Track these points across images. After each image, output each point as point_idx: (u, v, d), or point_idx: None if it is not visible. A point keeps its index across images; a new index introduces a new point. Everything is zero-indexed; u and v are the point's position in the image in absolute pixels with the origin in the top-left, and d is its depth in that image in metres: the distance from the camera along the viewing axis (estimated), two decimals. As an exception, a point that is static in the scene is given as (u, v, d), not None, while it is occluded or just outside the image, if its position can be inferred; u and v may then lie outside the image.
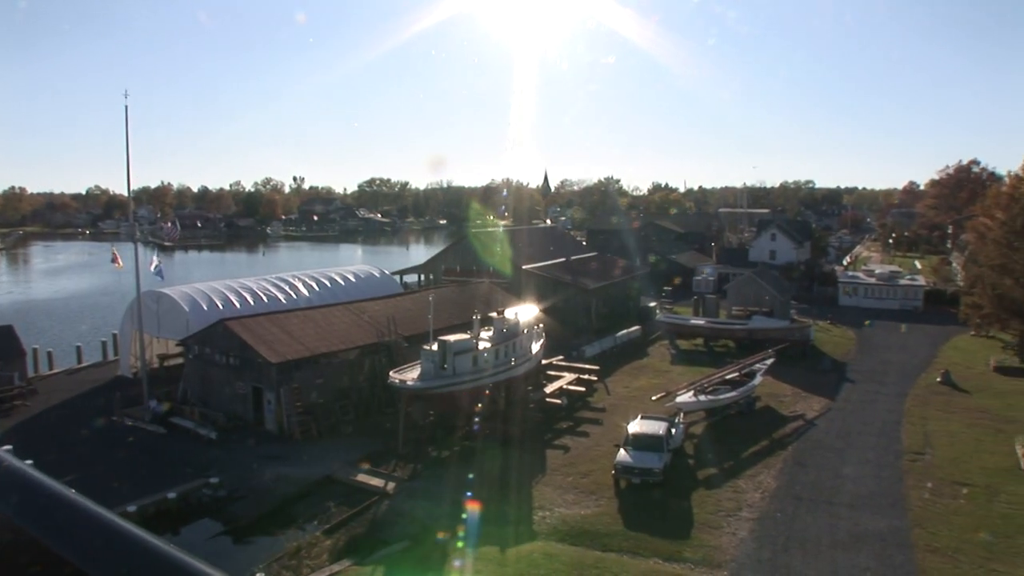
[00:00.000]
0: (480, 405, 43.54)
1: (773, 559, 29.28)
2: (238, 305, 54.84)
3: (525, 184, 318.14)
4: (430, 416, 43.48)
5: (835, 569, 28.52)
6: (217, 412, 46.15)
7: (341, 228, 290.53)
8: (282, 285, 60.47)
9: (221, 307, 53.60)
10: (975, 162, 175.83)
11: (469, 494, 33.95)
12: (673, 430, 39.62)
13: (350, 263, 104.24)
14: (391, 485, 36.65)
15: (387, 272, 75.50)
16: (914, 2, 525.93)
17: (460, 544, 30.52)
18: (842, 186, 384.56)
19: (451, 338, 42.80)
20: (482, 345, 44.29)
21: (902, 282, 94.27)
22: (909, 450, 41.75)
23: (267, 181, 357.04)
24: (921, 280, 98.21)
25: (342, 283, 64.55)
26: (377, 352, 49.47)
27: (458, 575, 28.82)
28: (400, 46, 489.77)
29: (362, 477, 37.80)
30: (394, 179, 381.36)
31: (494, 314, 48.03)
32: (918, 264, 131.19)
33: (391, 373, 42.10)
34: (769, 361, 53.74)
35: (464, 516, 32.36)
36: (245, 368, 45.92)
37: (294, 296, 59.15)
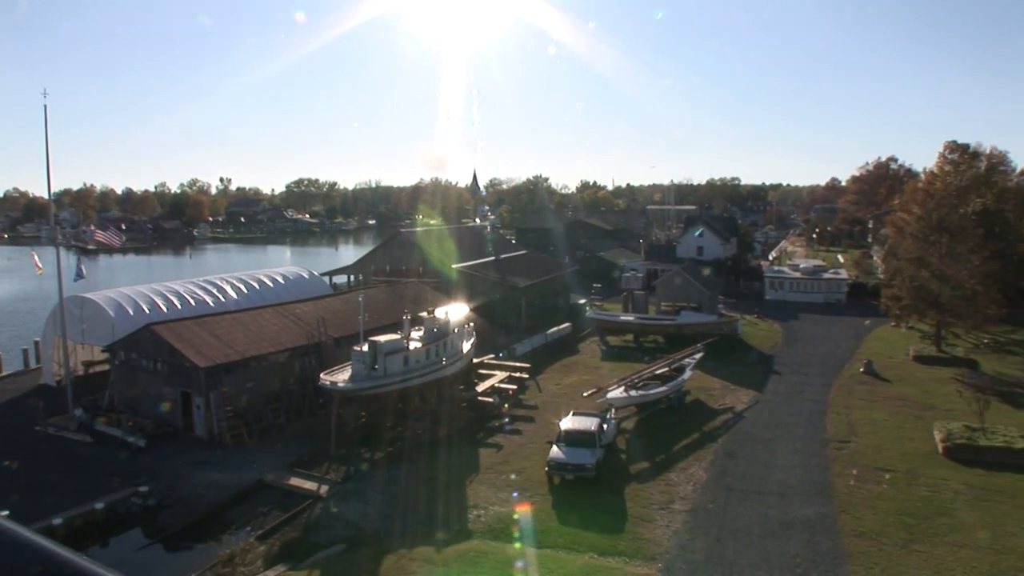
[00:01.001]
0: (412, 405, 43.52)
1: (706, 550, 29.99)
2: (165, 309, 54.09)
3: (454, 183, 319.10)
4: (362, 417, 43.32)
5: (766, 557, 29.37)
6: (145, 419, 45.24)
7: (269, 229, 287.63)
8: (210, 288, 59.72)
9: (148, 311, 52.76)
10: (893, 159, 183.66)
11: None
12: (605, 426, 40.27)
13: (279, 265, 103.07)
14: (324, 488, 36.41)
15: (316, 273, 75.25)
16: (838, 3, 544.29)
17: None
18: (767, 183, 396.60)
19: (382, 339, 42.75)
20: (413, 345, 44.36)
21: (826, 276, 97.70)
22: (834, 439, 43.29)
23: (193, 182, 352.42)
24: (844, 274, 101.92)
25: (271, 285, 64.09)
26: (307, 354, 49.14)
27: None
28: (328, 45, 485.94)
29: (295, 481, 37.44)
30: (322, 179, 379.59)
31: (424, 314, 48.14)
32: (841, 258, 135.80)
33: (322, 375, 41.92)
34: (698, 355, 55.08)
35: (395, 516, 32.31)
36: (173, 373, 45.11)
37: (222, 299, 58.50)
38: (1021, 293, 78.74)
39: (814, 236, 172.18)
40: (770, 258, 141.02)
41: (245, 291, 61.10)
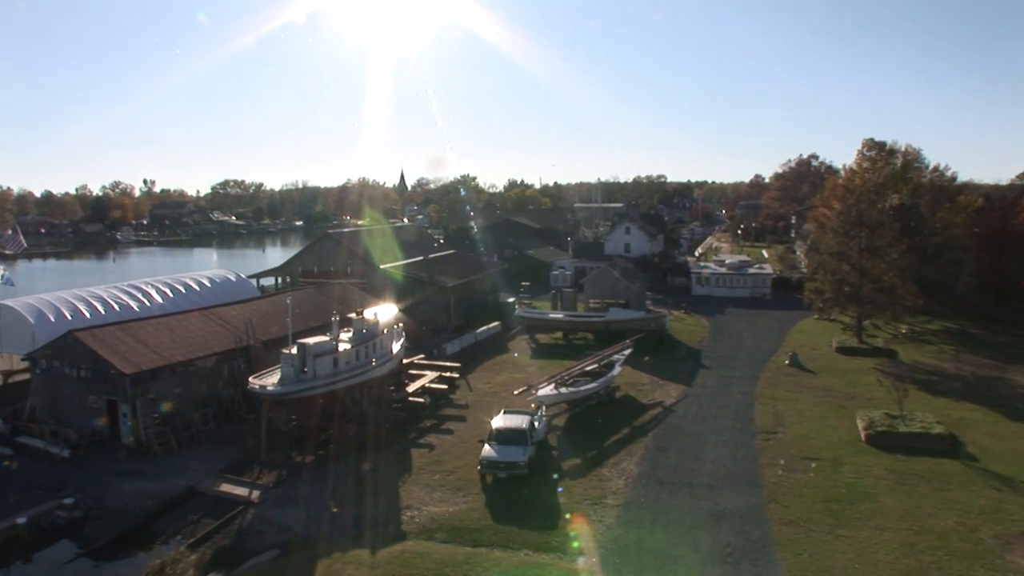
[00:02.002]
0: (343, 407, 43.26)
1: (639, 542, 30.60)
2: (88, 315, 52.80)
3: (381, 183, 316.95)
4: (292, 421, 42.87)
5: (698, 547, 30.12)
6: (69, 429, 43.88)
7: (195, 232, 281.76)
8: (135, 293, 58.45)
9: (70, 318, 51.44)
10: (814, 156, 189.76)
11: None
12: (536, 423, 40.70)
13: (205, 267, 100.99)
14: (256, 493, 35.95)
15: (243, 276, 74.22)
16: (759, 3, 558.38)
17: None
18: (693, 180, 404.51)
19: (310, 341, 42.44)
20: (342, 347, 44.13)
21: (751, 271, 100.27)
22: (762, 430, 44.61)
23: (116, 185, 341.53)
24: (768, 268, 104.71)
25: (197, 288, 63.10)
26: (236, 358, 48.40)
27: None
28: (253, 45, 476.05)
29: (226, 487, 36.89)
30: (249, 180, 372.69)
31: (353, 315, 47.90)
32: (765, 253, 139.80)
33: (251, 379, 41.34)
34: (627, 351, 55.89)
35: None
36: (98, 381, 43.84)
37: (147, 303, 57.34)
38: (935, 285, 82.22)
39: (739, 232, 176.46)
40: (696, 254, 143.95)
41: (171, 295, 60.11)
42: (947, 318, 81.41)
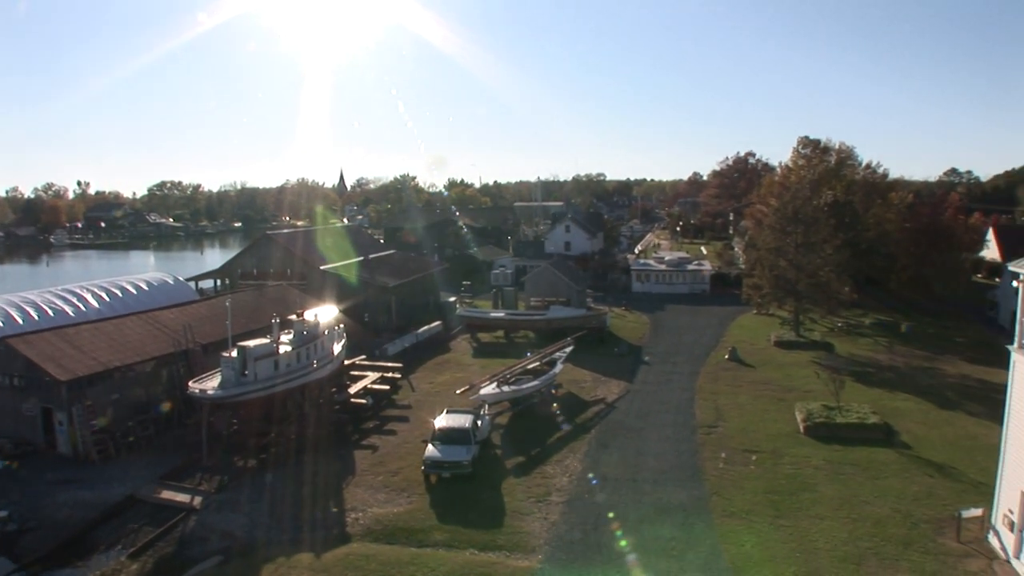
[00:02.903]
0: (285, 410, 42.88)
1: (584, 539, 30.93)
2: (20, 321, 51.70)
3: (321, 183, 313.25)
4: (234, 425, 42.28)
5: (643, 542, 30.52)
6: (3, 439, 42.41)
7: (131, 234, 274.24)
8: (69, 297, 57.27)
9: (2, 324, 50.34)
10: (751, 154, 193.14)
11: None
12: (479, 422, 40.76)
13: (142, 271, 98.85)
14: (198, 499, 35.31)
15: (182, 278, 73.21)
16: (693, 4, 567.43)
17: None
18: (632, 178, 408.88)
19: (251, 344, 42.05)
20: (283, 349, 43.85)
21: (690, 267, 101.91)
22: (703, 424, 45.41)
23: (48, 187, 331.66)
24: (707, 265, 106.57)
25: (134, 292, 62.01)
26: (175, 362, 47.45)
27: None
28: (189, 43, 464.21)
29: (166, 494, 36.15)
30: (186, 181, 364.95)
31: (294, 317, 47.64)
32: (704, 250, 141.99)
33: (190, 383, 40.79)
34: (568, 349, 56.33)
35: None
36: (32, 388, 42.49)
37: (83, 308, 56.15)
38: (869, 280, 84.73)
39: (678, 229, 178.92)
40: (636, 251, 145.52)
41: (107, 299, 59.03)
42: (881, 311, 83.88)
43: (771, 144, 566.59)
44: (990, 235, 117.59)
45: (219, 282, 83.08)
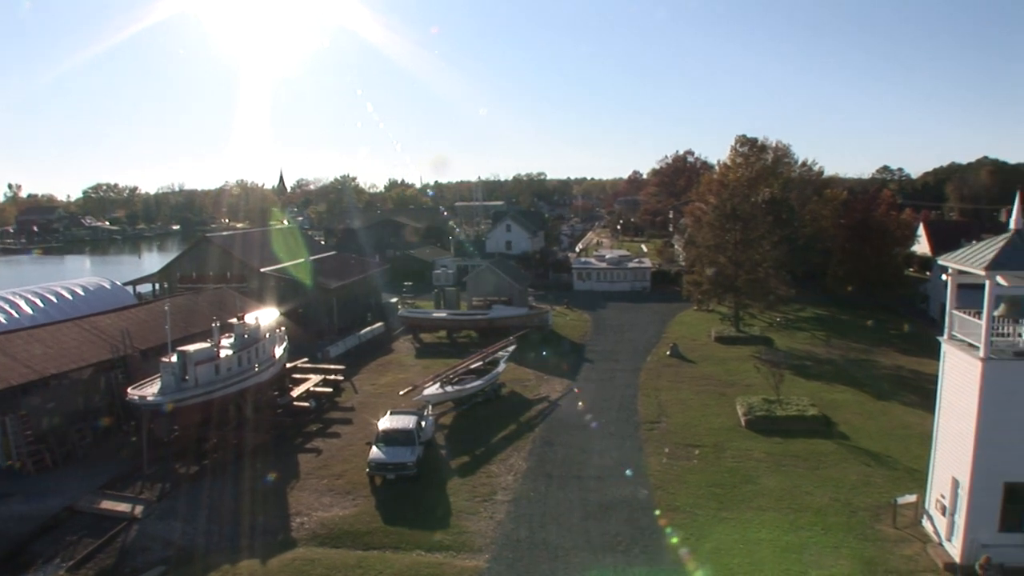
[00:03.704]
0: (227, 414, 42.36)
1: (531, 537, 31.08)
2: None
3: (260, 185, 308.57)
4: (175, 431, 41.44)
5: (589, 539, 30.85)
6: None
7: (66, 238, 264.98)
8: (2, 304, 55.29)
9: None
10: (690, 152, 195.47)
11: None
12: (423, 423, 40.76)
13: (78, 276, 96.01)
14: (139, 509, 34.53)
15: (119, 283, 71.50)
16: (632, 4, 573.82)
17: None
18: (572, 177, 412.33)
19: (191, 348, 41.53)
20: (223, 353, 43.36)
21: (631, 265, 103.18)
22: (646, 420, 46.04)
23: None
24: (648, 263, 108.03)
25: (70, 298, 60.20)
26: (113, 368, 46.31)
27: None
28: (123, 42, 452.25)
29: (106, 504, 35.23)
30: (122, 184, 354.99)
31: (234, 320, 47.10)
32: (644, 248, 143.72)
33: (129, 390, 39.94)
34: (511, 348, 56.65)
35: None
36: None
37: (16, 315, 54.27)
38: (807, 275, 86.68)
39: (618, 227, 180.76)
40: (577, 250, 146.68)
41: (42, 305, 57.11)
42: (818, 305, 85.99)
43: (709, 143, 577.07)
44: (921, 230, 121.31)
45: (157, 286, 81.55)
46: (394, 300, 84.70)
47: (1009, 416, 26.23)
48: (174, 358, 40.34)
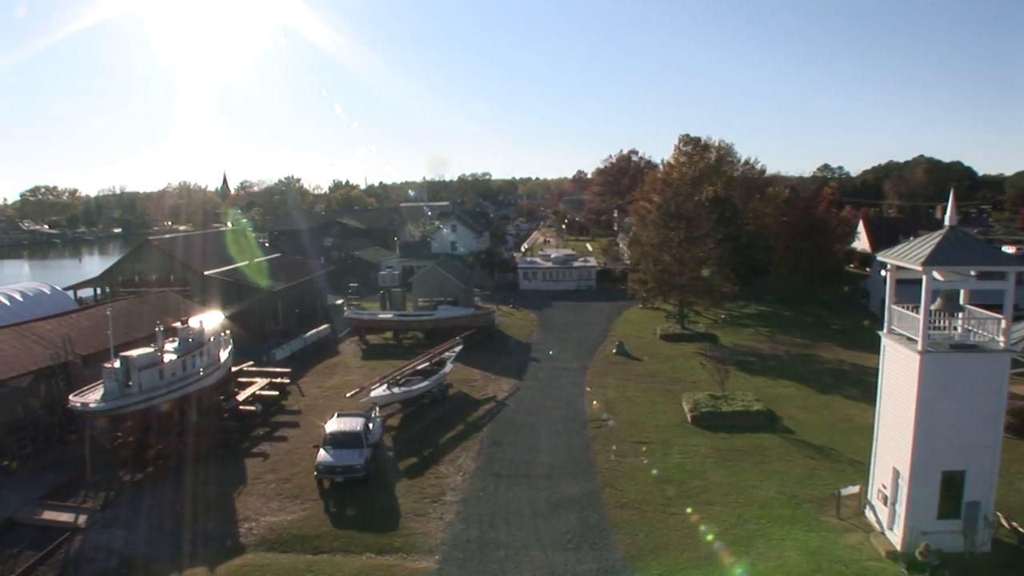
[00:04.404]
0: (172, 420, 41.67)
1: (481, 536, 31.16)
2: None
3: (203, 187, 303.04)
4: (118, 438, 40.51)
5: (539, 537, 31.04)
6: None
7: (3, 243, 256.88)
8: None
9: None
10: (634, 152, 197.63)
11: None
12: (370, 425, 40.58)
13: (16, 281, 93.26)
14: (82, 518, 33.69)
15: (59, 288, 69.92)
16: (576, 3, 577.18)
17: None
18: (517, 177, 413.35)
19: (134, 353, 40.75)
20: (167, 358, 42.73)
21: (576, 264, 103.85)
22: (594, 418, 46.43)
23: None
24: (593, 261, 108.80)
25: (8, 303, 58.72)
26: (54, 375, 45.08)
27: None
28: (61, 42, 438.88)
29: (48, 515, 34.29)
30: (61, 186, 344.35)
31: (178, 324, 46.40)
32: (589, 247, 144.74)
33: (71, 397, 39.13)
34: (458, 348, 56.68)
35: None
36: None
37: None
38: (750, 271, 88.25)
39: (563, 226, 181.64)
40: (522, 249, 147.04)
41: (-22, 312, 55.15)
42: (761, 302, 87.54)
43: (654, 142, 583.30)
44: (860, 227, 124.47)
45: (99, 291, 79.82)
46: (339, 302, 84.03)
47: (946, 407, 27.14)
48: (117, 364, 39.51)
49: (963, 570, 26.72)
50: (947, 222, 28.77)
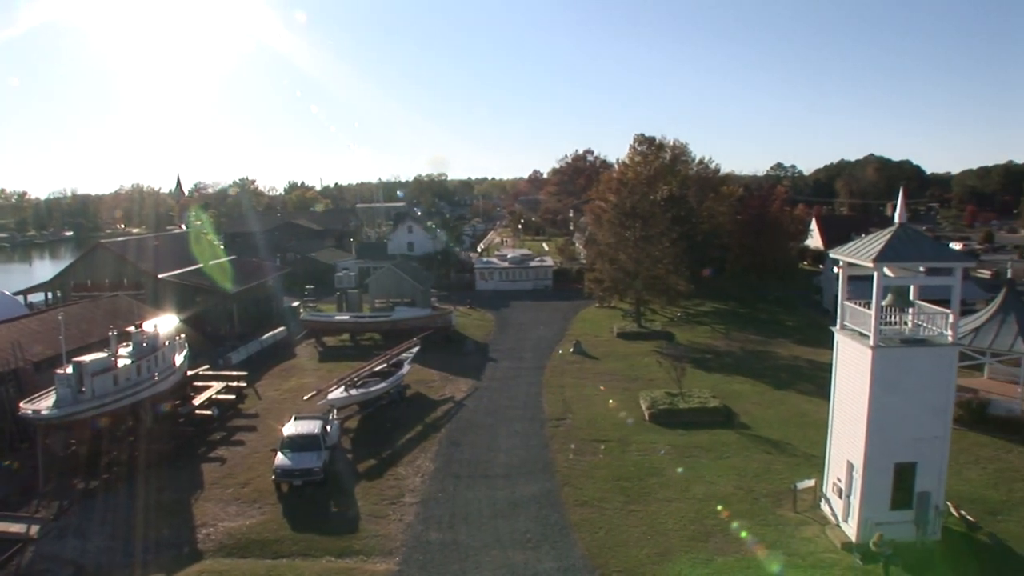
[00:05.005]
0: (127, 426, 41.06)
1: (441, 538, 31.10)
2: None
3: (157, 189, 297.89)
4: (72, 445, 39.69)
5: (498, 537, 31.07)
6: None
7: None
8: None
9: None
10: (590, 151, 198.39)
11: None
12: (328, 427, 40.27)
13: None
14: (35, 529, 32.78)
15: (8, 293, 69.21)
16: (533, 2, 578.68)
17: None
18: (473, 177, 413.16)
19: (87, 359, 39.99)
20: (121, 363, 41.94)
21: (533, 264, 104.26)
22: (552, 417, 46.60)
23: None
24: (549, 261, 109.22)
25: None
26: (4, 382, 43.97)
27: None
28: (10, 43, 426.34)
29: None
30: (9, 189, 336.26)
31: (132, 328, 45.60)
32: (546, 246, 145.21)
33: (22, 404, 38.24)
34: (415, 349, 56.55)
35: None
36: None
37: None
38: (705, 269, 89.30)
39: (520, 226, 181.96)
40: (479, 250, 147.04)
41: (-76, 318, 53.49)
42: (717, 299, 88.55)
43: (609, 142, 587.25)
44: (813, 225, 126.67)
45: (50, 295, 78.37)
46: (296, 304, 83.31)
47: (898, 400, 27.75)
48: (69, 369, 38.82)
49: (915, 559, 27.34)
50: (897, 220, 29.45)
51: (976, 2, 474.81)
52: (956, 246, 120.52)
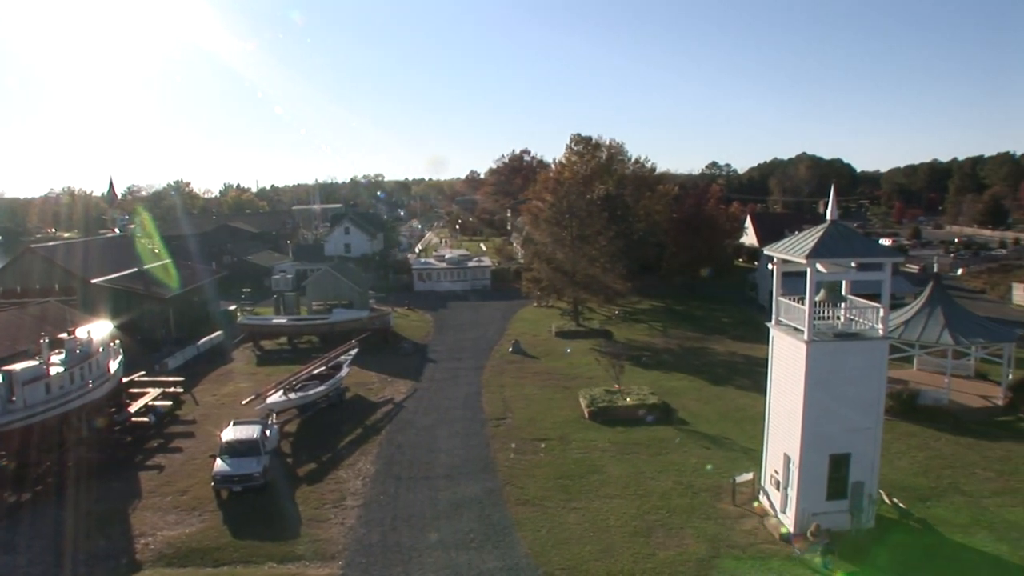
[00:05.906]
0: (60, 436, 39.69)
1: (383, 540, 30.79)
2: None
3: (89, 192, 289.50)
4: (2, 457, 38.20)
5: (442, 538, 30.86)
6: None
7: None
8: None
9: None
10: (527, 151, 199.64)
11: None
12: (268, 432, 39.56)
13: None
14: None
15: None
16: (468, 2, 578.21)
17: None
18: (410, 178, 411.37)
19: (17, 367, 38.55)
20: (54, 370, 40.51)
21: (471, 264, 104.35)
22: (492, 417, 46.60)
23: None
24: (487, 261, 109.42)
25: None
26: None
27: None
28: None
29: None
30: None
31: (64, 335, 44.10)
32: (484, 247, 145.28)
33: None
34: (353, 352, 55.98)
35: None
36: None
37: None
38: (643, 267, 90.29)
39: (457, 227, 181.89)
40: (417, 251, 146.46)
41: None
42: (654, 297, 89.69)
43: (546, 141, 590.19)
44: (748, 222, 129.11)
45: (-24, 302, 75.45)
46: (232, 307, 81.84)
47: (832, 393, 28.36)
48: None
49: (850, 546, 28.00)
50: (829, 217, 30.14)
51: (898, 4, 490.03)
52: (886, 242, 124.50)
